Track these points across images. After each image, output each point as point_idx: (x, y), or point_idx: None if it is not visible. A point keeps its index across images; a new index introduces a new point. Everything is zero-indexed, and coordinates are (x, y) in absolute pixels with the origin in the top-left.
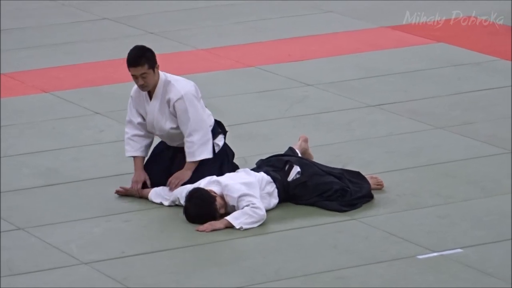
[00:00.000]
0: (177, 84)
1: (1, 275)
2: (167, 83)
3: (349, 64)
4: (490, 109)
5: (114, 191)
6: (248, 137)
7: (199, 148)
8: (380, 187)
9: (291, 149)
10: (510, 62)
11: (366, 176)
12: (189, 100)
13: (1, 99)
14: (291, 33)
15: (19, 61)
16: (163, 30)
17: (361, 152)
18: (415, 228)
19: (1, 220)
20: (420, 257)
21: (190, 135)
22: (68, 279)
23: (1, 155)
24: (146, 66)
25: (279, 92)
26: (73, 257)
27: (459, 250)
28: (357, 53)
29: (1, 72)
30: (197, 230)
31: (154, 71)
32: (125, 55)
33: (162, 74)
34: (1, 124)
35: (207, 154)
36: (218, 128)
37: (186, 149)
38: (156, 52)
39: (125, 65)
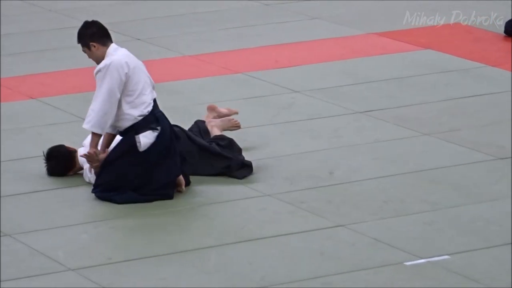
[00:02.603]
0: (107, 58)
1: None
2: (105, 57)
3: (336, 70)
4: (477, 115)
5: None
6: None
7: (89, 116)
8: (236, 128)
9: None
10: (496, 68)
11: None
12: (107, 71)
13: None
14: (278, 39)
15: (5, 67)
16: (150, 37)
17: (348, 158)
18: (402, 234)
19: None
20: (407, 263)
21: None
22: (55, 285)
23: None
24: (80, 45)
25: (266, 99)
26: (60, 264)
27: (446, 256)
28: (344, 60)
29: None
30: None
31: (89, 49)
32: None
33: (111, 49)
34: None
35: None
36: (152, 124)
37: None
38: (142, 59)
39: None
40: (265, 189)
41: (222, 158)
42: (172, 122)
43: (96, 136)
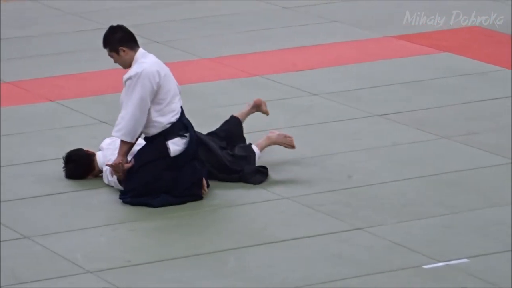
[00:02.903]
0: (138, 65)
1: (6, 284)
2: (134, 63)
3: (354, 73)
4: (495, 119)
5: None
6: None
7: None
8: (290, 147)
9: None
10: None
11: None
12: (139, 79)
13: (6, 107)
14: (296, 42)
15: (24, 70)
16: (168, 39)
17: (366, 161)
18: (420, 238)
19: (7, 229)
20: (426, 267)
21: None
22: (73, 287)
23: (6, 164)
24: (108, 49)
25: (284, 102)
26: (79, 266)
27: (464, 260)
28: (362, 63)
29: (6, 81)
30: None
31: (118, 53)
32: None
33: (140, 54)
34: (6, 133)
35: (123, 134)
36: (181, 131)
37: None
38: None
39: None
40: (284, 192)
41: (231, 171)
42: None
43: (125, 144)
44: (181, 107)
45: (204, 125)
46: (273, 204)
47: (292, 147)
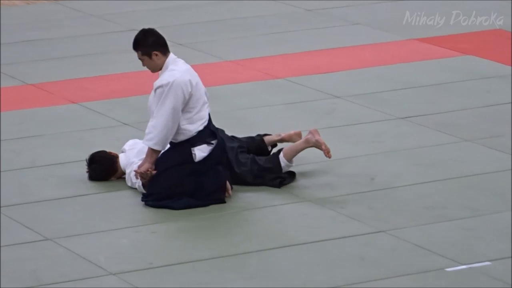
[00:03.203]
0: (169, 73)
1: (29, 286)
2: (165, 69)
3: (377, 76)
4: None
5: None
6: (275, 149)
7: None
8: (324, 151)
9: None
10: None
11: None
12: (171, 89)
13: (30, 109)
14: (319, 45)
15: (47, 72)
16: (191, 41)
17: (389, 164)
18: (442, 240)
19: (29, 231)
20: (448, 269)
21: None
22: None
23: (29, 166)
24: (140, 53)
25: (307, 104)
26: (101, 268)
27: (487, 263)
28: (385, 65)
29: (29, 83)
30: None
31: (150, 57)
32: None
33: (170, 60)
34: (29, 135)
35: (155, 144)
36: (208, 138)
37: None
38: None
39: (153, 76)
40: (306, 195)
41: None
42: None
43: (155, 153)
44: (209, 114)
45: (227, 127)
46: (295, 206)
47: (326, 151)
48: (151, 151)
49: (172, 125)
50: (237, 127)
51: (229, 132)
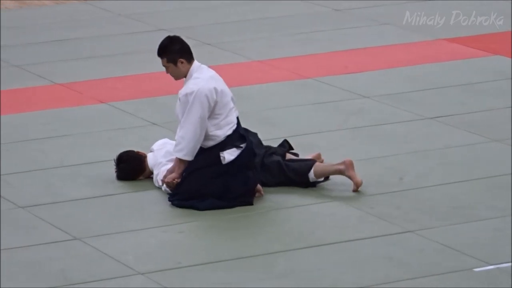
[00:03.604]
0: (194, 81)
1: (57, 285)
2: (189, 77)
3: (405, 76)
4: None
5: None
6: (305, 149)
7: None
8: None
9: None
10: None
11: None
12: (196, 98)
13: (58, 109)
14: (348, 45)
15: (76, 72)
16: (219, 41)
17: (417, 164)
18: (471, 240)
19: (58, 230)
20: (476, 270)
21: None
22: None
23: (57, 166)
24: (165, 60)
25: (335, 104)
26: (129, 267)
27: None
28: (414, 65)
29: (58, 82)
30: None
31: (176, 64)
32: None
33: (195, 67)
34: (58, 135)
35: (185, 154)
36: (237, 142)
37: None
38: (211, 63)
39: None
40: (334, 194)
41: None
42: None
43: (183, 163)
44: (237, 117)
45: (255, 127)
46: (323, 206)
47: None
48: (180, 161)
49: (200, 134)
50: (265, 127)
51: (256, 132)
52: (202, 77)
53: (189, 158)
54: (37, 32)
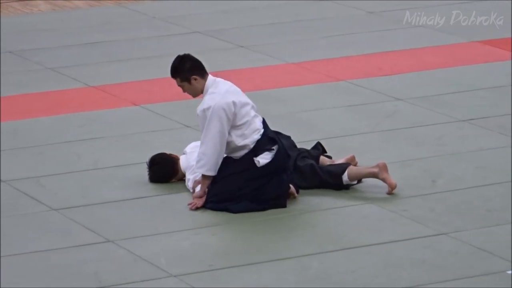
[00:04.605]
0: (210, 96)
1: (90, 287)
2: (205, 93)
3: (439, 78)
4: None
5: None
6: (338, 152)
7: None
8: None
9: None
10: None
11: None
12: (213, 113)
13: (92, 111)
14: (381, 47)
15: (110, 74)
16: (253, 44)
17: (451, 167)
18: (504, 243)
19: (91, 232)
20: (510, 272)
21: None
22: None
23: (91, 168)
24: (178, 79)
25: (368, 106)
26: (162, 270)
27: None
28: (447, 68)
29: (92, 85)
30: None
31: (190, 82)
32: (214, 69)
33: (210, 82)
34: (91, 137)
35: (207, 170)
36: (268, 145)
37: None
38: (245, 66)
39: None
40: (367, 197)
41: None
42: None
43: (207, 178)
44: (264, 121)
45: (289, 130)
46: (356, 209)
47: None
48: (204, 176)
49: (221, 149)
50: (298, 130)
51: (290, 134)
52: (218, 91)
53: (212, 173)
54: (71, 34)
